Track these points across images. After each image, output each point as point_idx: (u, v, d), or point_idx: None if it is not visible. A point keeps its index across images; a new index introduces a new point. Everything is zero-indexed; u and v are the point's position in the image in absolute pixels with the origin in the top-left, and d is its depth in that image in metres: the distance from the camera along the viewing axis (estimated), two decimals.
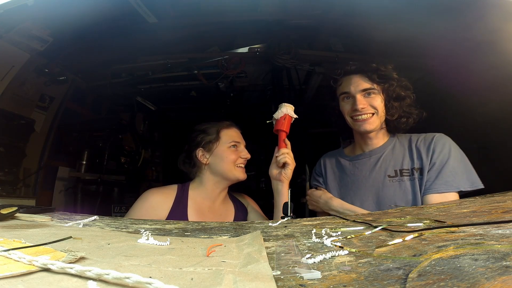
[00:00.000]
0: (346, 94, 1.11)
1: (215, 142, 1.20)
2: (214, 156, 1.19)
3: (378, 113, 1.07)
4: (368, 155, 1.13)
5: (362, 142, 1.15)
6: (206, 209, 1.18)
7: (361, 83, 1.08)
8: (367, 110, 1.07)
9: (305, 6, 1.69)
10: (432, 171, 1.00)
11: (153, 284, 0.28)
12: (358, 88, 1.08)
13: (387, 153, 1.10)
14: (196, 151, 1.20)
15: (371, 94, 1.08)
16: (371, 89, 1.08)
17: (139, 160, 2.63)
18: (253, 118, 2.96)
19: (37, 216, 0.76)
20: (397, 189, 1.03)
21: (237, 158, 1.18)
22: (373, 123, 1.07)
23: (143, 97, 2.46)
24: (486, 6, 1.15)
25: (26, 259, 0.35)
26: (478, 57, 1.40)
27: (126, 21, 1.61)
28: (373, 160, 1.11)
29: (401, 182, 1.03)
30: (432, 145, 1.03)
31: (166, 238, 0.53)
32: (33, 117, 1.82)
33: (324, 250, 0.45)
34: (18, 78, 1.64)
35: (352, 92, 1.08)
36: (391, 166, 1.07)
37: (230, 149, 1.19)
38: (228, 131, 1.23)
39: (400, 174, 1.04)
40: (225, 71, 2.02)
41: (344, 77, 1.13)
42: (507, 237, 0.42)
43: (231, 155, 1.18)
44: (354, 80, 1.09)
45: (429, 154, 1.02)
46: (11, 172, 1.69)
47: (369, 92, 1.08)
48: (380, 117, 1.08)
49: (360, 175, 1.11)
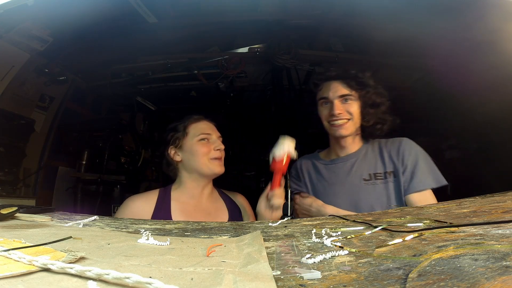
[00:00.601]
0: (324, 99, 1.15)
1: (183, 138, 1.17)
2: (185, 152, 1.16)
3: (353, 119, 1.11)
4: (344, 160, 1.17)
5: (338, 147, 1.18)
6: (191, 209, 1.15)
7: (339, 89, 1.12)
8: (343, 116, 1.10)
9: (305, 6, 1.70)
10: (406, 173, 1.05)
11: (153, 284, 0.28)
12: (336, 94, 1.12)
13: (361, 158, 1.15)
14: (169, 150, 1.18)
15: (348, 101, 1.12)
16: (348, 96, 1.12)
17: (139, 160, 2.63)
18: (253, 118, 2.97)
19: (37, 216, 0.76)
20: (372, 192, 1.07)
21: (209, 151, 1.14)
22: (348, 128, 1.11)
23: (143, 97, 2.47)
24: (486, 6, 1.15)
25: (26, 259, 0.35)
26: (478, 57, 1.40)
27: (126, 21, 1.61)
28: (348, 164, 1.15)
29: (376, 185, 1.08)
30: (401, 149, 1.09)
31: (166, 238, 0.53)
32: (33, 117, 1.82)
33: (324, 250, 0.45)
34: (18, 78, 1.64)
35: (330, 98, 1.13)
36: (365, 170, 1.11)
37: (200, 142, 1.15)
38: (196, 124, 1.19)
39: (374, 177, 1.09)
40: (225, 71, 2.02)
41: (324, 83, 1.17)
42: (507, 237, 0.42)
43: (202, 148, 1.14)
44: (333, 86, 1.13)
45: (399, 157, 1.08)
46: (11, 172, 1.70)
47: (346, 98, 1.12)
48: (355, 123, 1.12)
49: (337, 179, 1.14)
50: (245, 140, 3.12)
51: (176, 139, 1.17)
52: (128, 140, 2.61)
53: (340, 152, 1.18)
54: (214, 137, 1.18)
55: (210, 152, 1.15)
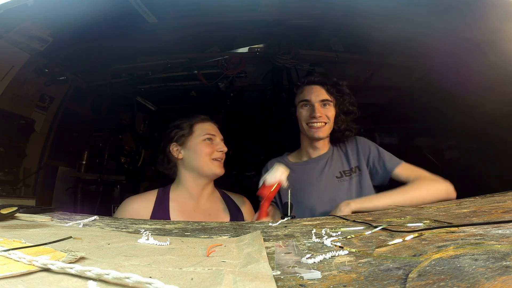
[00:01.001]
0: (305, 101, 1.22)
1: (188, 136, 1.17)
2: (187, 150, 1.16)
3: (329, 123, 1.21)
4: (316, 161, 1.24)
5: (311, 148, 1.26)
6: (190, 209, 1.14)
7: (321, 94, 1.21)
8: (322, 119, 1.19)
9: (305, 6, 1.70)
10: (375, 161, 1.17)
11: (153, 284, 0.28)
12: (318, 98, 1.21)
13: (330, 158, 1.24)
14: (170, 146, 1.17)
15: (327, 106, 1.21)
16: (327, 101, 1.21)
17: (139, 160, 2.63)
18: (253, 118, 2.97)
19: (37, 216, 0.76)
20: (345, 188, 1.17)
21: (212, 152, 1.15)
22: (325, 131, 1.20)
23: (143, 97, 2.46)
24: (486, 6, 1.15)
25: (26, 259, 0.35)
26: (478, 57, 1.40)
27: (126, 21, 1.61)
28: (321, 164, 1.23)
29: (346, 182, 1.18)
30: (358, 145, 1.23)
31: (166, 238, 0.53)
32: (33, 117, 1.82)
33: (324, 250, 0.45)
34: (18, 78, 1.64)
35: (312, 101, 1.21)
36: (336, 169, 1.21)
37: (204, 142, 1.16)
38: (202, 124, 1.20)
39: (344, 174, 1.20)
40: (225, 71, 2.02)
41: (307, 86, 1.25)
42: (507, 237, 0.42)
43: (205, 148, 1.15)
44: (315, 90, 1.22)
45: (359, 152, 1.21)
46: (11, 172, 1.70)
47: (325, 103, 1.21)
48: (330, 127, 1.22)
49: (312, 178, 1.21)
50: (245, 140, 3.12)
51: (181, 136, 1.17)
52: (128, 140, 2.61)
53: (312, 153, 1.26)
54: (218, 139, 1.19)
55: (213, 153, 1.15)
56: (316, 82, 1.24)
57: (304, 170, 1.24)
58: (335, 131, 1.24)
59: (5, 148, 1.65)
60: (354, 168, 1.20)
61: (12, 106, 1.68)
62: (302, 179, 1.21)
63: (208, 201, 1.19)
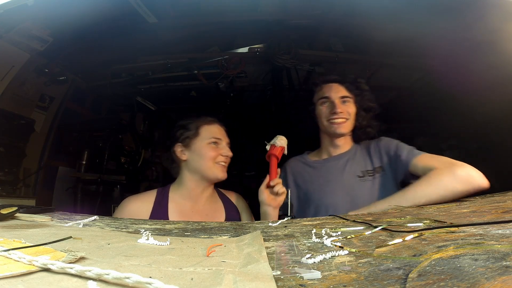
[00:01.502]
0: (325, 99, 1.21)
1: (194, 138, 1.15)
2: (192, 153, 1.15)
3: (350, 119, 1.20)
4: (337, 159, 1.22)
5: (331, 146, 1.24)
6: (188, 210, 1.13)
7: (340, 90, 1.21)
8: (343, 115, 1.18)
9: (305, 6, 1.69)
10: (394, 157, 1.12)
11: (153, 284, 0.28)
12: (338, 94, 1.20)
13: (353, 156, 1.21)
14: (175, 147, 1.16)
15: (346, 102, 1.20)
16: (347, 97, 1.21)
17: (139, 160, 2.63)
18: (253, 118, 2.97)
19: (37, 216, 0.76)
20: (367, 188, 1.14)
21: (217, 156, 1.14)
22: (346, 127, 1.19)
23: (143, 97, 2.46)
24: (486, 6, 1.15)
25: (26, 259, 0.35)
26: (478, 57, 1.40)
27: (126, 21, 1.61)
28: (342, 162, 1.21)
29: (368, 182, 1.15)
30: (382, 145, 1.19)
31: (166, 238, 0.53)
32: (33, 117, 1.82)
33: (324, 250, 0.45)
34: (18, 78, 1.64)
35: (332, 98, 1.20)
36: (358, 168, 1.18)
37: (210, 146, 1.14)
38: (209, 127, 1.18)
39: (367, 174, 1.17)
40: (225, 71, 2.02)
41: (325, 84, 1.24)
42: (507, 237, 0.42)
43: (210, 151, 1.13)
44: (334, 87, 1.22)
45: (382, 152, 1.17)
46: (11, 172, 1.69)
47: (345, 100, 1.20)
48: (351, 123, 1.21)
49: (332, 177, 1.19)
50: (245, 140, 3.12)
51: (186, 137, 1.16)
52: (128, 140, 2.61)
53: (333, 151, 1.24)
54: (223, 142, 1.18)
55: (218, 156, 1.14)
56: (334, 80, 1.23)
57: (325, 168, 1.21)
58: (357, 128, 1.22)
59: (5, 148, 1.65)
60: (377, 168, 1.16)
61: (12, 106, 1.68)
62: (322, 177, 1.19)
63: (207, 202, 1.19)
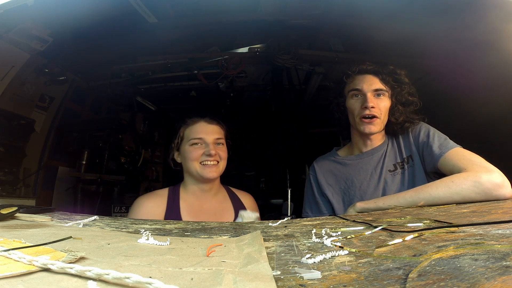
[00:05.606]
0: (356, 91, 1.11)
1: (181, 142, 1.20)
2: (182, 156, 1.19)
3: (381, 117, 1.09)
4: (370, 154, 1.14)
5: (362, 143, 1.16)
6: (197, 209, 1.16)
7: (374, 83, 1.09)
8: (374, 111, 1.07)
9: (305, 6, 1.69)
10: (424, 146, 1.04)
11: (153, 284, 0.28)
12: (371, 87, 1.09)
13: (386, 150, 1.13)
14: (173, 152, 1.22)
15: (381, 96, 1.09)
16: (382, 91, 1.09)
17: (139, 160, 2.63)
18: (253, 118, 2.97)
19: (37, 216, 0.76)
20: (397, 182, 1.07)
21: (199, 156, 1.14)
22: (377, 125, 1.09)
23: (143, 97, 2.47)
24: (486, 6, 1.15)
25: (26, 259, 0.35)
26: (478, 57, 1.40)
27: (126, 21, 1.61)
28: (375, 158, 1.13)
29: (399, 175, 1.08)
30: (411, 131, 1.11)
31: (166, 238, 0.53)
32: (33, 117, 1.82)
33: (324, 250, 0.45)
34: (18, 78, 1.64)
35: (364, 90, 1.09)
36: (390, 162, 1.10)
37: (192, 147, 1.15)
38: (190, 128, 1.19)
39: (398, 167, 1.09)
40: (225, 71, 2.02)
41: (358, 75, 1.13)
42: (507, 237, 0.42)
43: (192, 153, 1.15)
44: (367, 79, 1.10)
45: (410, 139, 1.09)
46: (11, 172, 1.70)
47: (379, 93, 1.09)
48: (383, 121, 1.10)
49: (365, 173, 1.11)
50: (245, 140, 3.12)
51: (177, 143, 1.20)
52: (128, 140, 2.61)
53: (364, 147, 1.15)
54: (208, 140, 1.15)
55: (201, 157, 1.14)
56: (369, 71, 1.12)
57: (357, 165, 1.14)
58: (393, 123, 1.11)
59: (5, 148, 1.65)
60: (407, 158, 1.08)
61: (12, 106, 1.68)
62: (355, 175, 1.13)
63: (214, 201, 1.20)
